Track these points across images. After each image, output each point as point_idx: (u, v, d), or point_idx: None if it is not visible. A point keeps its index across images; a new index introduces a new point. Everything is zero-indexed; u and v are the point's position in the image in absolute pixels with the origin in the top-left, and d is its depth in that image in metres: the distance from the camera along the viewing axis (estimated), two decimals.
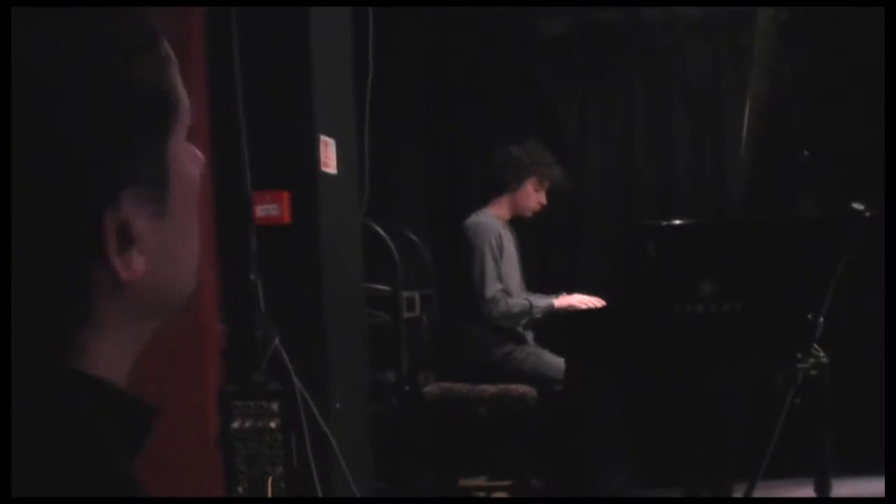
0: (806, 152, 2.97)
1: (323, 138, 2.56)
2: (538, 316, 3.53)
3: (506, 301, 3.52)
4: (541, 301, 3.55)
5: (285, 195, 2.48)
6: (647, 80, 4.33)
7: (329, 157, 2.60)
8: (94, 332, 0.57)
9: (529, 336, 3.65)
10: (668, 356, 2.66)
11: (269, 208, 2.47)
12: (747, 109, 3.26)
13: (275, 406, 2.40)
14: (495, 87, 4.36)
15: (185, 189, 0.62)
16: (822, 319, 2.25)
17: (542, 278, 3.89)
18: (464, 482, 3.80)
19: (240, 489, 2.36)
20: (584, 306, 3.49)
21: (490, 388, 3.45)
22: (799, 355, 2.23)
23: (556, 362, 3.44)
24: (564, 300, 3.57)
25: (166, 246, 0.60)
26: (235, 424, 2.38)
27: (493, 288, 3.52)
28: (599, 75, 4.35)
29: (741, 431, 2.69)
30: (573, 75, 4.36)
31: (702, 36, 4.27)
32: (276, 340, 2.41)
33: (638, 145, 4.35)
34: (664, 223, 3.00)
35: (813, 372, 2.23)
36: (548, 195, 3.74)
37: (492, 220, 3.66)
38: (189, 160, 0.63)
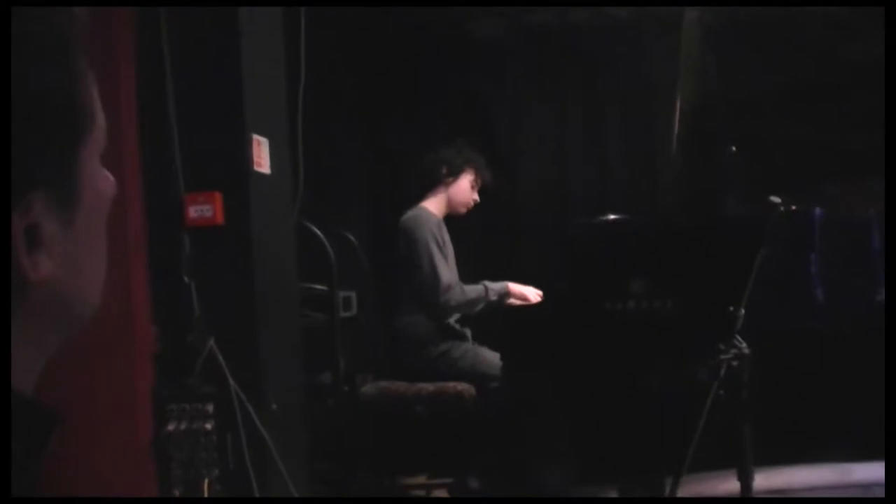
0: (733, 148, 3.06)
1: (255, 137, 2.54)
2: (493, 299, 3.54)
3: (461, 287, 3.52)
4: (495, 285, 3.57)
5: (218, 196, 2.46)
6: (580, 81, 4.40)
7: (262, 157, 2.58)
8: None
9: (468, 332, 3.67)
10: (598, 353, 2.71)
11: (203, 209, 2.45)
12: (677, 109, 3.34)
13: (210, 408, 2.38)
14: (430, 88, 4.38)
15: (96, 205, 0.63)
16: (743, 311, 2.32)
17: (478, 278, 3.91)
18: (404, 481, 3.81)
19: (175, 492, 2.34)
20: (538, 300, 3.51)
21: (428, 387, 3.46)
22: (721, 347, 2.30)
23: (493, 359, 3.46)
24: (519, 288, 3.59)
25: (73, 255, 0.60)
26: (170, 427, 2.36)
27: (447, 276, 3.51)
28: (533, 76, 4.41)
29: (670, 426, 2.75)
30: (507, 76, 4.41)
31: (633, 36, 4.35)
32: (211, 342, 2.39)
33: (572, 145, 4.42)
34: (586, 220, 3.06)
35: (735, 363, 2.29)
36: (480, 194, 3.78)
37: (428, 213, 3.68)
38: (102, 181, 0.63)
